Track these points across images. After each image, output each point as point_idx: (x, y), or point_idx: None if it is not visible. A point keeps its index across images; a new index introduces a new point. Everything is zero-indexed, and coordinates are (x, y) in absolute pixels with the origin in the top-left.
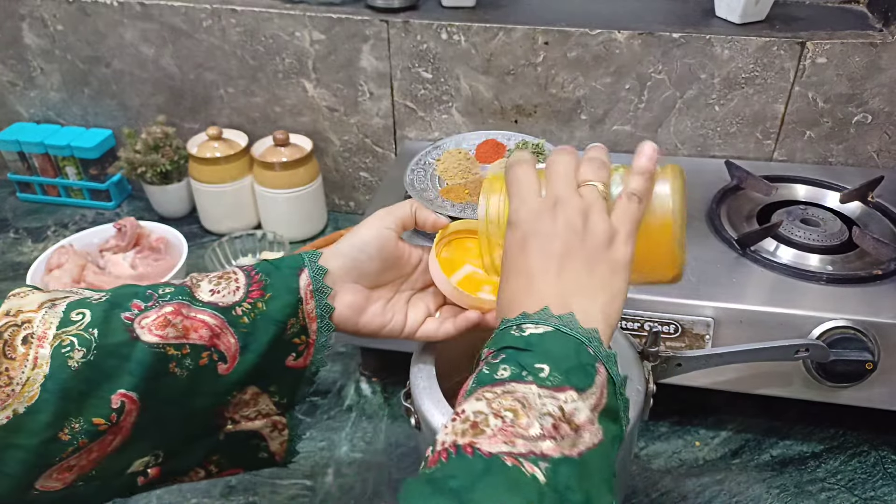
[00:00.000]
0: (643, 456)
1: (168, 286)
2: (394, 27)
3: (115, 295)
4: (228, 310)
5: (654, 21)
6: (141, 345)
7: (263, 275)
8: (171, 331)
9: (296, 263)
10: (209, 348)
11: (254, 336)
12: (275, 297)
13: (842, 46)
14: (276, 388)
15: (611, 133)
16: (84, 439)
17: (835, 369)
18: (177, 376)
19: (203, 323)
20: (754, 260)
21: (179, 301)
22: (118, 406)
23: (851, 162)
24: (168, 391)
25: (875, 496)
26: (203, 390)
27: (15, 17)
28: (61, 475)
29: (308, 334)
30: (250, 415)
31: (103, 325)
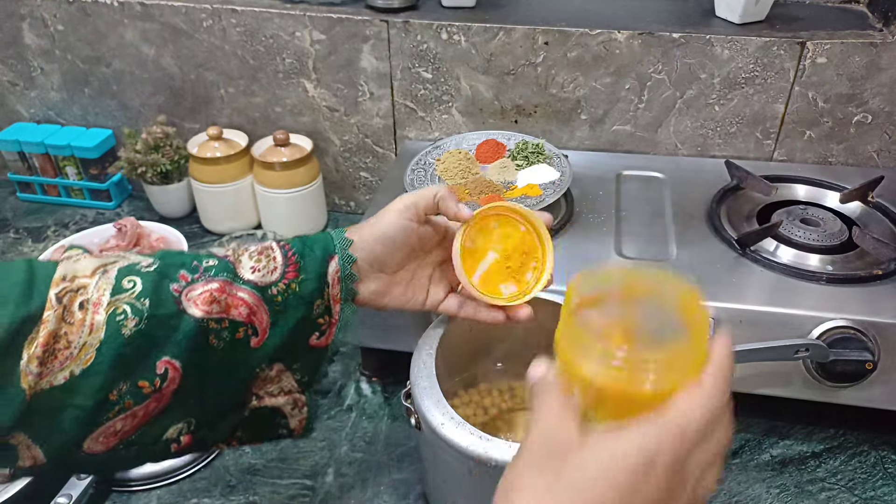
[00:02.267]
0: None
1: (211, 257)
2: (394, 27)
3: (162, 264)
4: (265, 289)
5: (654, 21)
6: (186, 317)
7: (298, 255)
8: (215, 307)
9: (327, 248)
10: (246, 324)
11: (284, 314)
12: (306, 279)
13: (842, 46)
14: (299, 366)
15: (611, 133)
16: (129, 400)
17: (835, 369)
18: (214, 348)
19: (243, 301)
20: (754, 260)
21: (224, 278)
22: (162, 372)
23: (851, 162)
24: (206, 361)
25: (875, 496)
26: (236, 362)
27: (15, 17)
28: (106, 439)
29: (332, 315)
30: (274, 391)
31: (154, 295)
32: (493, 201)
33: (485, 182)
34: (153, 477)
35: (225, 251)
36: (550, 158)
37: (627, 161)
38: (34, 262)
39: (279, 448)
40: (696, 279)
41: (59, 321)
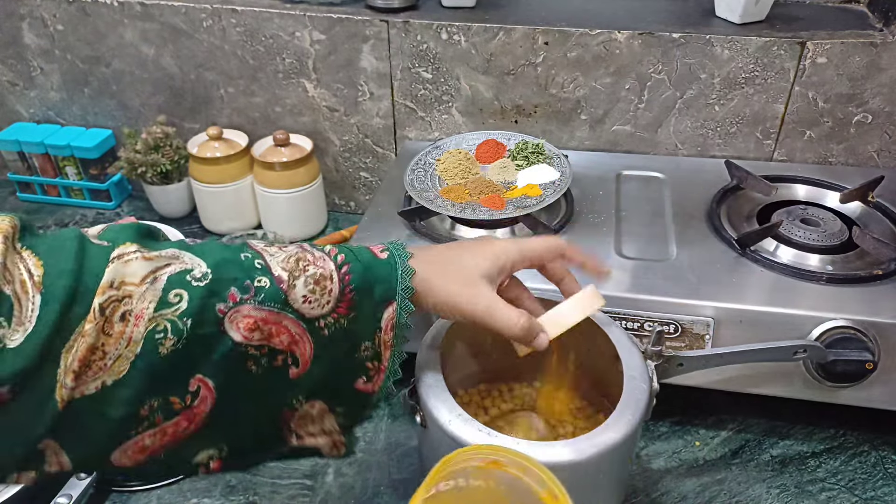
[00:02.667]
0: (643, 456)
1: (265, 274)
2: (394, 27)
3: (215, 276)
4: (313, 321)
5: (654, 21)
6: (227, 339)
7: (356, 294)
8: (257, 334)
9: (388, 293)
10: (286, 352)
11: (329, 349)
12: (358, 318)
13: (842, 46)
14: (343, 410)
15: (611, 133)
16: (160, 416)
17: (835, 369)
18: (252, 373)
19: (286, 330)
20: (754, 260)
21: (272, 308)
22: (194, 389)
23: (851, 162)
24: (241, 385)
25: (875, 496)
26: (273, 389)
27: (15, 17)
28: (135, 455)
29: (381, 360)
30: (314, 431)
31: (198, 314)
32: (493, 202)
33: (485, 182)
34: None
35: (281, 269)
36: (550, 158)
37: (627, 161)
38: (86, 242)
39: None
40: (696, 279)
41: (99, 334)
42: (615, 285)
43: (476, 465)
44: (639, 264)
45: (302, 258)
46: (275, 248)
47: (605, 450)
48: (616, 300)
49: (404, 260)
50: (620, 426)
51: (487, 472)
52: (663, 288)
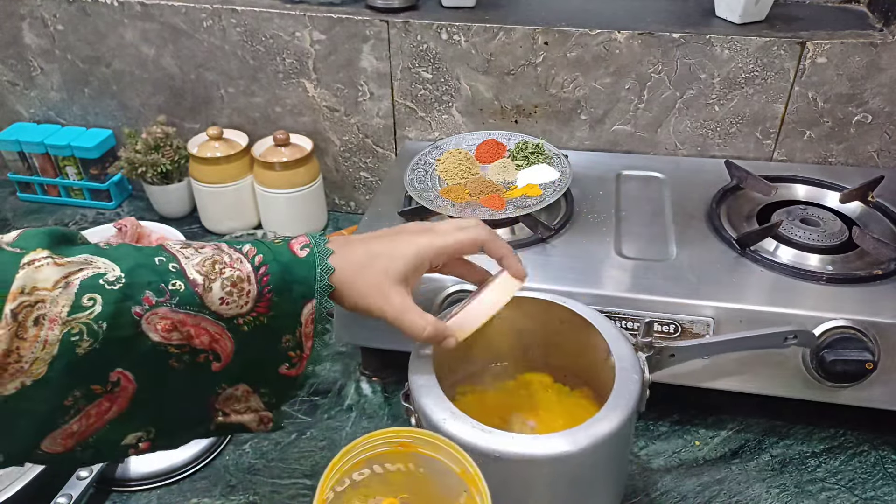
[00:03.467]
0: (643, 456)
1: (179, 277)
2: (394, 27)
3: (129, 281)
4: (231, 320)
5: (654, 21)
6: (145, 339)
7: (274, 294)
8: (175, 335)
9: (306, 293)
10: (207, 350)
11: (249, 344)
12: (277, 316)
13: (842, 46)
14: (268, 391)
15: (610, 133)
16: (83, 403)
17: (835, 369)
18: (174, 369)
19: (206, 331)
20: (754, 260)
21: (188, 311)
22: (115, 380)
23: (851, 162)
24: (163, 379)
25: (875, 496)
26: (196, 382)
27: (15, 17)
28: (64, 440)
29: (303, 349)
30: (240, 409)
31: (113, 318)
32: (493, 202)
33: (485, 182)
34: (153, 477)
35: (196, 273)
36: (550, 158)
37: (627, 161)
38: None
39: (279, 448)
40: (696, 279)
41: (13, 338)
42: (615, 285)
43: (387, 451)
44: (639, 264)
45: (218, 260)
46: (191, 249)
47: (601, 440)
48: (616, 300)
49: (324, 258)
50: (614, 416)
51: (406, 456)
52: (663, 288)
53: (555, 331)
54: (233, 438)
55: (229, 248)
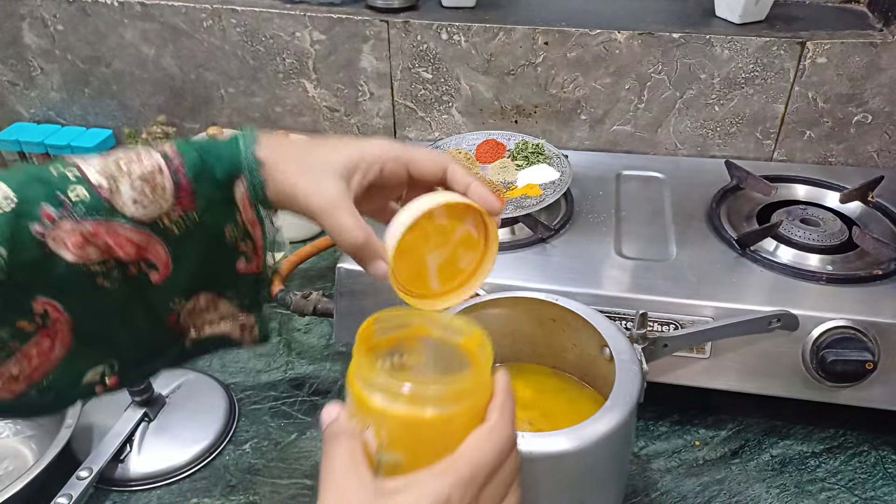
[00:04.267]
0: (643, 456)
1: (80, 183)
2: (394, 27)
3: (21, 198)
4: (155, 223)
5: (654, 21)
6: (58, 259)
7: (194, 182)
8: (92, 250)
9: (232, 169)
10: (137, 261)
11: (187, 245)
12: (207, 207)
13: (842, 46)
14: (234, 294)
15: (610, 133)
16: (14, 342)
17: (835, 369)
18: (106, 288)
19: (128, 241)
20: (754, 260)
21: (97, 220)
22: (42, 312)
23: (851, 162)
24: (99, 302)
25: (875, 496)
26: (140, 300)
27: (15, 17)
28: (8, 385)
29: (253, 239)
30: (213, 319)
31: (11, 241)
32: None
33: (485, 182)
34: (153, 477)
35: (99, 175)
36: (550, 158)
37: (627, 161)
38: None
39: (279, 448)
40: (696, 279)
41: None
42: (615, 285)
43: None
44: (639, 264)
45: (124, 158)
46: (95, 157)
47: (605, 434)
48: (616, 300)
49: (248, 136)
50: (618, 410)
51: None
52: (663, 288)
53: (549, 329)
54: (232, 439)
55: (137, 147)
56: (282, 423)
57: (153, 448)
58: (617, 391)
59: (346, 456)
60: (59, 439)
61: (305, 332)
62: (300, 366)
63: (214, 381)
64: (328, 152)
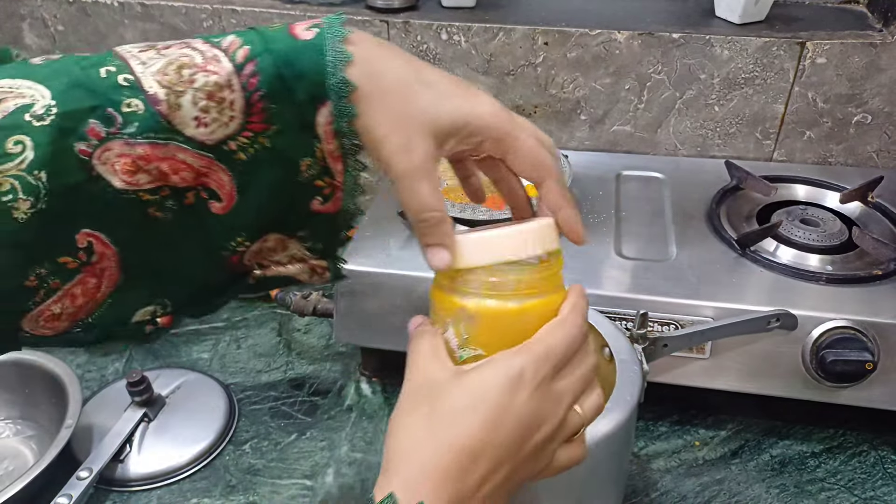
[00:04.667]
0: (643, 456)
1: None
2: (394, 27)
3: (63, 109)
4: (218, 146)
5: (654, 21)
6: (104, 185)
7: (270, 100)
8: (143, 177)
9: (314, 90)
10: (195, 187)
11: (256, 175)
12: (283, 131)
13: (842, 46)
14: (307, 234)
15: (610, 133)
16: (56, 280)
17: (835, 369)
18: (160, 220)
19: (184, 164)
20: (754, 260)
21: (152, 141)
22: (85, 245)
23: (851, 162)
24: (150, 235)
25: (875, 496)
26: (198, 233)
27: (15, 18)
28: (50, 323)
29: (333, 175)
30: (282, 259)
31: (53, 163)
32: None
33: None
34: (153, 477)
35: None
36: None
37: (627, 161)
38: None
39: (279, 448)
40: (696, 279)
41: None
42: (615, 285)
43: None
44: (639, 264)
45: (186, 63)
46: (152, 51)
47: (605, 435)
48: (616, 300)
49: (337, 40)
50: (618, 410)
51: None
52: (663, 288)
53: None
54: (232, 439)
55: (204, 42)
56: (282, 424)
57: (153, 448)
58: (617, 391)
59: (429, 348)
60: (59, 439)
61: (305, 332)
62: (300, 366)
63: (214, 381)
64: (433, 100)
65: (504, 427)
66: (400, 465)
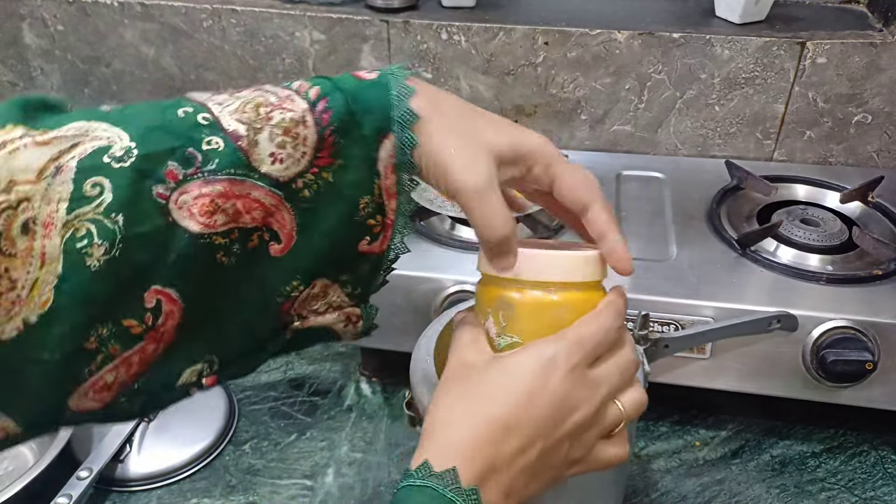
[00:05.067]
0: (643, 456)
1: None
2: (394, 27)
3: (143, 151)
4: (289, 184)
5: (654, 21)
6: (181, 232)
7: (339, 135)
8: (220, 217)
9: (381, 123)
10: (260, 228)
11: (316, 213)
12: (347, 166)
13: (842, 46)
14: (349, 278)
15: (611, 133)
16: (115, 346)
17: (835, 369)
18: (224, 266)
19: (258, 203)
20: (754, 260)
21: (231, 178)
22: (153, 305)
23: (851, 162)
24: (215, 284)
25: (875, 496)
26: (256, 278)
27: (15, 17)
28: (98, 394)
29: (385, 213)
30: (319, 308)
31: (130, 206)
32: None
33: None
34: (153, 477)
35: (235, 121)
36: None
37: (627, 161)
38: None
39: (279, 448)
40: (696, 279)
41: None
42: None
43: None
44: (639, 264)
45: (262, 103)
46: (224, 95)
47: None
48: None
49: (401, 79)
50: None
51: None
52: (663, 288)
53: None
54: (232, 439)
55: (275, 86)
56: (281, 424)
57: (153, 448)
58: None
59: (469, 336)
60: (59, 439)
61: None
62: (300, 366)
63: None
64: (488, 127)
65: (537, 404)
66: (435, 436)
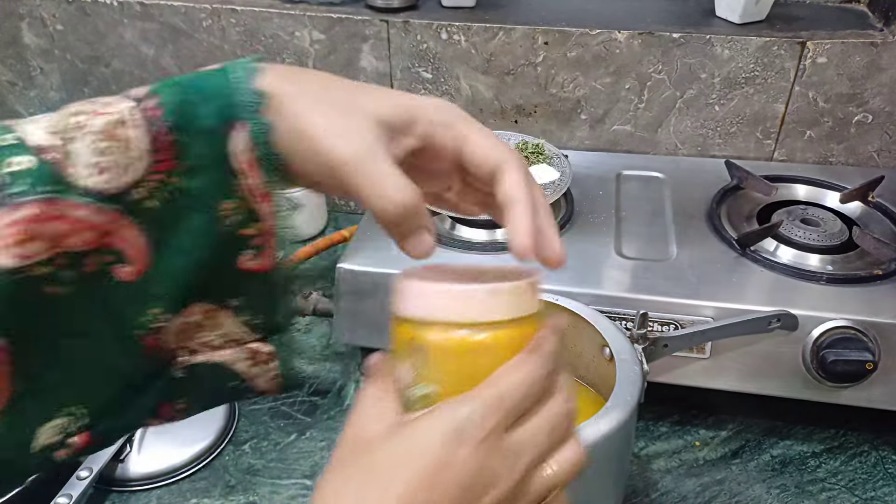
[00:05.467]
0: (643, 456)
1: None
2: (394, 27)
3: None
4: (123, 195)
5: (654, 21)
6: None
7: (175, 131)
8: (37, 245)
9: (223, 108)
10: (97, 250)
11: (171, 228)
12: (195, 167)
13: (842, 46)
14: (242, 302)
15: (610, 133)
16: None
17: (835, 369)
18: (58, 299)
19: (83, 224)
20: (754, 260)
21: (43, 197)
22: None
23: (851, 162)
24: (51, 322)
25: (875, 496)
26: (101, 308)
27: (14, 17)
28: None
29: (260, 219)
30: (213, 341)
31: None
32: None
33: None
34: (153, 477)
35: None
36: (550, 158)
37: (627, 161)
38: None
39: (279, 448)
40: (696, 279)
41: None
42: (615, 285)
43: None
44: (639, 264)
45: (81, 111)
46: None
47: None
48: (616, 300)
49: (247, 62)
50: (618, 410)
51: None
52: (663, 288)
53: None
54: (232, 439)
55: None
56: (281, 424)
57: (153, 448)
58: (617, 391)
59: (371, 396)
60: None
61: (305, 332)
62: (300, 366)
63: None
64: (368, 96)
65: (441, 486)
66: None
